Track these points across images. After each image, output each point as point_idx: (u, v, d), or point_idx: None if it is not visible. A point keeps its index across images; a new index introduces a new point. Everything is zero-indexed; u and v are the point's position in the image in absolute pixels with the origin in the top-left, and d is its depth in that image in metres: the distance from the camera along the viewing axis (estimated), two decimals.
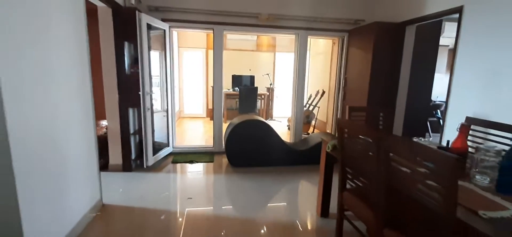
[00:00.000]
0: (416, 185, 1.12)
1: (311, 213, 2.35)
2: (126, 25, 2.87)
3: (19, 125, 1.35)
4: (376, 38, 3.29)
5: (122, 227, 2.05)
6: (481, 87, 2.30)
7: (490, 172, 1.25)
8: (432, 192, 1.02)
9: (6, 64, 1.27)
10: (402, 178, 1.21)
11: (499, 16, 2.16)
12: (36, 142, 1.50)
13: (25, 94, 1.41)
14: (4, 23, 1.26)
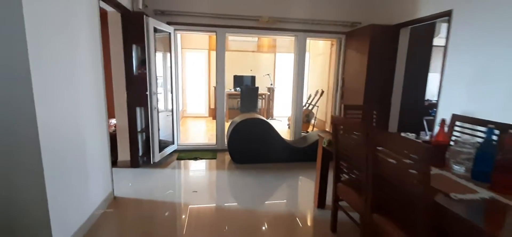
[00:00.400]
0: (398, 172, 1.27)
1: (309, 205, 2.51)
2: (134, 29, 3.04)
3: (47, 121, 1.51)
4: (372, 40, 3.44)
5: (133, 217, 2.21)
6: (469, 86, 2.46)
7: (466, 162, 1.41)
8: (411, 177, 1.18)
9: (39, 66, 1.43)
10: (386, 167, 1.36)
11: (485, 20, 2.31)
12: (60, 136, 1.66)
13: (51, 94, 1.57)
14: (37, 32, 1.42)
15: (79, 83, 1.91)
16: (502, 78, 2.17)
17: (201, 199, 2.59)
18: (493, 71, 2.24)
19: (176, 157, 3.74)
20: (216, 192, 2.80)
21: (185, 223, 2.16)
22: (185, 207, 2.41)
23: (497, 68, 2.21)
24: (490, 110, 2.24)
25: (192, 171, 3.35)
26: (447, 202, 1.12)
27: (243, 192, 2.78)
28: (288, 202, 2.61)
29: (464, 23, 2.52)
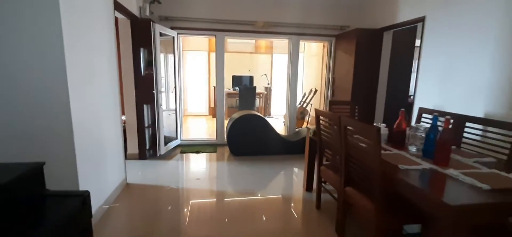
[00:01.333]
0: (361, 151, 1.61)
1: (298, 189, 2.84)
2: (142, 34, 3.37)
3: (79, 117, 1.84)
4: (358, 42, 3.78)
5: (144, 200, 2.54)
6: (439, 83, 2.79)
7: (419, 143, 1.74)
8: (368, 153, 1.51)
9: (72, 69, 1.76)
10: (353, 148, 1.69)
11: (451, 26, 2.64)
12: (87, 130, 1.99)
13: (81, 93, 1.90)
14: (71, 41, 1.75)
15: (99, 83, 2.24)
16: (464, 76, 2.50)
17: (203, 184, 2.93)
18: (457, 70, 2.58)
19: (180, 151, 4.07)
20: (216, 179, 3.13)
21: (189, 204, 2.49)
22: (188, 191, 2.75)
23: (460, 67, 2.54)
24: (455, 103, 2.58)
25: (195, 162, 3.68)
26: (395, 172, 1.45)
27: (240, 179, 3.11)
28: (280, 187, 2.94)
29: (435, 28, 2.86)
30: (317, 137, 2.30)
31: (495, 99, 2.22)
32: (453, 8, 2.63)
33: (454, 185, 1.28)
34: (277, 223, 2.21)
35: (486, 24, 2.29)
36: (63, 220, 0.97)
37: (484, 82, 2.30)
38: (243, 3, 4.04)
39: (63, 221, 0.97)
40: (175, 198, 2.59)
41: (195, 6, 3.91)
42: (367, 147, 1.54)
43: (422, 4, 3.01)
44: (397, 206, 1.58)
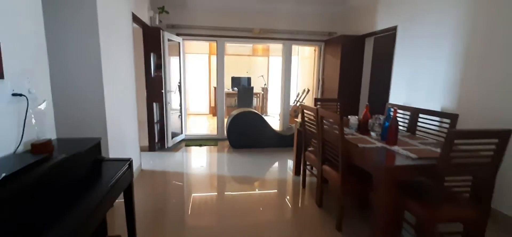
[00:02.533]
0: (331, 134, 2.09)
1: (289, 174, 3.32)
2: (152, 40, 3.84)
3: (110, 110, 2.30)
4: (343, 47, 4.28)
5: (157, 182, 3.01)
6: (408, 83, 3.29)
7: (378, 129, 2.22)
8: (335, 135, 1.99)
9: (107, 68, 2.23)
10: (327, 133, 2.17)
11: (417, 36, 3.14)
12: (115, 121, 2.45)
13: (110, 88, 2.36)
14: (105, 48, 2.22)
15: (121, 84, 2.71)
16: (426, 78, 2.99)
17: (207, 170, 3.40)
18: (420, 73, 3.07)
19: (184, 144, 4.54)
20: (217, 166, 3.60)
21: (195, 184, 2.96)
22: (194, 176, 3.22)
23: (423, 70, 3.04)
24: (419, 100, 3.07)
25: (198, 153, 4.15)
26: (355, 149, 1.93)
27: (239, 167, 3.58)
28: (274, 172, 3.42)
29: (404, 36, 3.35)
30: (302, 128, 2.78)
31: (448, 97, 2.71)
32: (418, 20, 3.12)
33: (392, 156, 1.76)
34: (270, 199, 2.69)
35: (442, 35, 2.78)
36: (116, 177, 1.44)
37: (441, 83, 2.79)
38: (241, 12, 4.52)
39: (116, 177, 1.44)
40: (184, 180, 3.07)
41: (198, 15, 4.40)
42: (334, 130, 2.02)
43: (395, 16, 3.51)
44: (355, 174, 2.05)
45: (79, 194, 1.21)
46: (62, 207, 1.09)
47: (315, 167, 2.58)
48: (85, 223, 1.04)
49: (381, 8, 3.81)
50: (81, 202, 1.14)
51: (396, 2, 3.50)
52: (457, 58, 2.60)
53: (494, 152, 1.49)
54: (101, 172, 1.48)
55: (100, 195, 1.21)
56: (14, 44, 1.23)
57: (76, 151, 1.34)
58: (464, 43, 2.54)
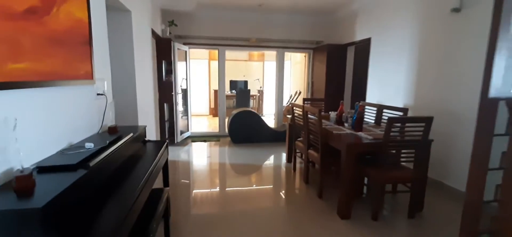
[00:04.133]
0: (313, 125, 2.73)
1: (283, 162, 3.96)
2: (164, 49, 4.45)
3: (140, 103, 2.90)
4: (329, 54, 4.96)
5: (174, 168, 3.61)
6: (379, 85, 3.97)
7: (350, 121, 2.88)
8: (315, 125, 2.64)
9: (138, 77, 2.84)
10: (311, 124, 2.82)
11: (385, 45, 3.83)
12: (143, 112, 3.05)
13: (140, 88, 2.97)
14: (139, 57, 2.82)
15: (146, 85, 3.32)
16: (392, 81, 3.68)
17: (213, 160, 4.01)
18: (388, 76, 3.76)
19: (191, 140, 5.15)
20: (222, 157, 4.22)
21: (205, 170, 3.58)
22: (202, 165, 3.83)
23: (390, 75, 3.73)
24: (387, 98, 3.75)
25: (204, 147, 4.76)
26: (330, 135, 2.58)
27: (240, 157, 4.20)
28: (269, 161, 4.05)
29: (376, 47, 4.05)
30: (292, 122, 3.43)
31: (408, 95, 3.40)
32: (385, 34, 3.82)
33: (356, 138, 2.41)
34: (267, 180, 3.32)
35: (403, 47, 3.48)
36: (159, 153, 2.05)
37: (403, 84, 3.48)
38: (239, 24, 5.17)
39: (161, 151, 2.04)
40: (193, 168, 3.67)
41: (202, 27, 5.03)
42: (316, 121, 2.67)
43: (369, 29, 4.21)
44: (330, 153, 2.70)
45: (141, 160, 1.82)
46: (132, 167, 1.70)
47: (303, 153, 3.23)
48: (148, 178, 1.64)
49: (359, 22, 4.51)
50: (145, 164, 1.75)
51: (369, 18, 4.20)
52: (413, 65, 3.30)
53: (423, 132, 2.16)
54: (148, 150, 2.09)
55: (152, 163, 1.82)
56: (98, 60, 1.84)
57: (136, 132, 1.95)
58: (417, 53, 3.23)
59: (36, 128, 1.17)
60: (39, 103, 1.20)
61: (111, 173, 1.45)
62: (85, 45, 1.58)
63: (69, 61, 1.41)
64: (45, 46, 1.21)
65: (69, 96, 1.46)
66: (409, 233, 2.20)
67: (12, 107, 1.04)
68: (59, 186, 0.95)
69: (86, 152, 1.31)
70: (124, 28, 2.64)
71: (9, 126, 1.00)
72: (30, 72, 1.10)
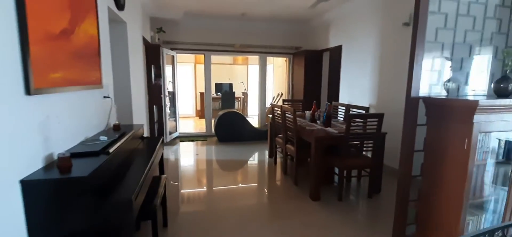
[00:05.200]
0: (290, 122, 3.16)
1: (265, 157, 4.36)
2: (153, 55, 4.73)
3: (134, 104, 3.19)
4: (306, 59, 5.44)
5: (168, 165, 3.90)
6: (348, 87, 4.49)
7: (321, 118, 3.34)
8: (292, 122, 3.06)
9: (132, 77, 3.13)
10: (288, 121, 3.24)
11: (354, 52, 4.35)
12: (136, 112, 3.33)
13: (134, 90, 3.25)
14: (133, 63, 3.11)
15: (138, 87, 3.60)
16: (359, 83, 4.20)
17: (201, 157, 4.34)
18: (356, 79, 4.28)
19: (179, 140, 5.43)
20: (208, 154, 4.55)
21: (194, 167, 3.90)
22: (192, 162, 4.15)
23: (358, 78, 4.25)
24: (356, 99, 4.27)
25: (192, 146, 5.06)
26: (303, 130, 3.01)
27: (227, 154, 4.56)
28: (253, 157, 4.44)
29: (346, 53, 4.57)
30: (273, 121, 3.84)
31: (372, 96, 3.92)
32: (353, 43, 4.34)
33: (324, 132, 2.85)
34: (252, 173, 3.71)
35: (366, 54, 4.00)
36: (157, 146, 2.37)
37: (367, 86, 4.00)
38: (224, 31, 5.54)
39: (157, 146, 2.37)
40: (180, 168, 3.99)
41: (189, 33, 5.35)
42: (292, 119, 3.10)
43: (340, 37, 4.73)
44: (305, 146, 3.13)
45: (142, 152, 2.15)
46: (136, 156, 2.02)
47: (282, 147, 3.65)
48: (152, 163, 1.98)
49: (332, 30, 5.03)
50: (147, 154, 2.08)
51: (340, 28, 4.73)
52: (375, 69, 3.82)
53: (377, 126, 2.64)
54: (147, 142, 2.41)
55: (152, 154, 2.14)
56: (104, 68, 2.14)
57: (137, 129, 2.27)
58: (378, 59, 3.76)
59: (64, 124, 1.49)
60: (66, 104, 1.51)
61: (121, 160, 1.78)
62: (95, 56, 1.90)
63: (86, 70, 1.73)
64: (71, 58, 1.53)
65: (85, 99, 1.77)
66: (366, 210, 2.66)
67: (51, 107, 1.36)
68: (89, 166, 1.29)
69: (102, 143, 1.63)
70: (121, 37, 2.93)
71: (50, 121, 1.32)
72: (62, 80, 1.42)
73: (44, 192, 1.13)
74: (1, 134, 1.00)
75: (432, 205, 1.80)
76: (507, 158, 1.71)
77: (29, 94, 1.14)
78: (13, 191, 1.07)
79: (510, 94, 1.69)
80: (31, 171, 1.18)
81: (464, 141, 1.53)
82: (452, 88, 1.87)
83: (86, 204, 1.17)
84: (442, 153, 1.69)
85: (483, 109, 1.47)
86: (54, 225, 1.15)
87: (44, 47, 1.24)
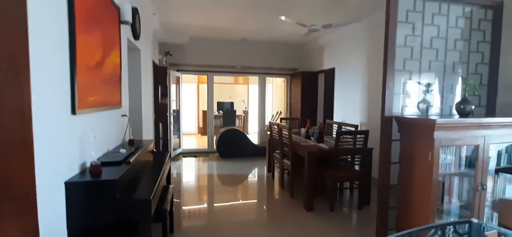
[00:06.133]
0: (286, 138, 3.45)
1: (263, 171, 4.62)
2: (160, 76, 5.11)
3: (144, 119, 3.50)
4: (303, 79, 5.81)
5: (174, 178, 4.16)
6: (342, 106, 4.82)
7: (315, 135, 3.63)
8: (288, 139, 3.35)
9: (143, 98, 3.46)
10: (284, 138, 3.54)
11: (346, 74, 4.72)
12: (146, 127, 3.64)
13: (145, 108, 3.57)
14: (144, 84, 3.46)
15: (147, 105, 3.94)
16: (351, 101, 4.53)
17: (203, 172, 4.60)
18: (349, 99, 4.61)
19: (182, 156, 5.70)
20: (210, 169, 4.81)
21: (196, 181, 4.15)
22: (195, 176, 4.40)
23: (350, 98, 4.58)
24: (349, 117, 4.58)
25: (195, 161, 5.33)
26: (298, 146, 3.30)
27: (228, 168, 4.82)
28: (253, 171, 4.69)
29: (339, 74, 4.94)
30: (271, 137, 4.14)
31: (363, 114, 4.23)
32: (345, 64, 4.72)
33: (316, 147, 3.13)
34: (251, 187, 3.95)
35: (357, 75, 4.36)
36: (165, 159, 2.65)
37: (359, 105, 4.33)
38: (226, 54, 5.97)
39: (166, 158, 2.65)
40: (183, 182, 4.24)
41: (194, 56, 5.78)
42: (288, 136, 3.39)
43: (333, 60, 5.12)
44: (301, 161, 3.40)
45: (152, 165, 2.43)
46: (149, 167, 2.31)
47: (279, 162, 3.91)
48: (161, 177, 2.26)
49: (325, 54, 5.43)
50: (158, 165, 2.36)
51: (333, 51, 5.13)
52: (364, 89, 4.16)
53: (363, 142, 2.93)
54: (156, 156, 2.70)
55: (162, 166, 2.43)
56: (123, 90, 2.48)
57: (148, 144, 2.57)
58: (367, 80, 4.11)
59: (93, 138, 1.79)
60: (96, 122, 1.82)
61: (137, 170, 2.07)
62: (118, 81, 2.23)
63: (111, 93, 2.06)
64: (101, 84, 1.86)
65: (108, 117, 2.09)
66: (355, 220, 2.90)
67: (87, 124, 1.67)
68: (116, 172, 1.57)
69: (122, 154, 1.93)
70: (135, 63, 3.30)
71: (86, 136, 1.63)
72: (95, 102, 1.75)
73: (81, 191, 1.42)
74: (53, 145, 1.30)
75: (407, 211, 2.06)
76: (470, 167, 1.99)
77: (74, 114, 1.46)
78: (59, 190, 1.36)
79: (468, 114, 1.99)
80: (71, 175, 1.47)
81: (429, 153, 1.82)
82: (423, 109, 2.18)
83: (114, 201, 1.45)
84: (413, 164, 1.98)
85: (441, 127, 1.77)
86: (87, 217, 1.43)
87: (85, 76, 1.57)
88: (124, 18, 2.29)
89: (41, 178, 1.15)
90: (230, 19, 4.33)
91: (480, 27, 2.26)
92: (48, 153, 1.23)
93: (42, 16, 1.18)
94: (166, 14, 4.20)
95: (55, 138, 1.30)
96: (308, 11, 3.79)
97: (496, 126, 1.91)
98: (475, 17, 2.23)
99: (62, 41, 1.37)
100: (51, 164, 1.26)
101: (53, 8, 1.30)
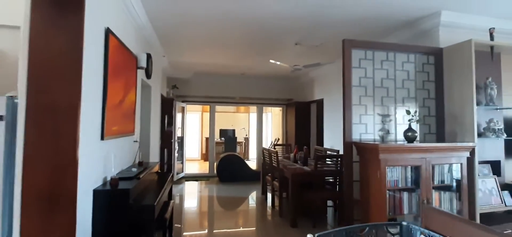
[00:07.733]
0: (277, 163, 3.90)
1: (259, 194, 5.01)
2: (167, 106, 5.73)
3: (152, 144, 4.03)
4: (297, 109, 6.36)
5: None
6: (330, 133, 5.29)
7: (302, 159, 4.08)
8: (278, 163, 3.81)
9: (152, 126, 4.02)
10: (276, 163, 3.99)
11: (332, 104, 5.24)
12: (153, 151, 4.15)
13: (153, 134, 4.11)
14: (153, 114, 4.03)
15: (156, 132, 4.49)
16: (338, 130, 5.00)
17: (204, 194, 5.01)
18: (335, 126, 5.09)
19: (185, 179, 6.15)
20: (210, 192, 5.21)
21: (197, 203, 4.57)
22: (196, 198, 4.82)
23: (336, 126, 5.06)
24: (336, 142, 5.02)
25: (197, 185, 5.75)
26: (287, 169, 3.74)
27: (227, 191, 5.22)
28: (249, 194, 5.09)
29: (327, 105, 5.47)
30: (263, 162, 4.59)
31: None
32: (330, 97, 5.26)
33: (300, 170, 3.57)
34: (245, 207, 4.35)
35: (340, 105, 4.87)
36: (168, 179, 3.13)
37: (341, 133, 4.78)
38: (227, 86, 6.63)
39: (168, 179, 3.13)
40: (187, 202, 4.67)
41: (198, 88, 6.45)
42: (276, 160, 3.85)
43: (322, 92, 5.69)
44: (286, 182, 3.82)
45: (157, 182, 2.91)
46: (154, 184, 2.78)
47: (270, 184, 4.33)
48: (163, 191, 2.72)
49: (316, 86, 6.02)
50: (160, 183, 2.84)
51: (321, 84, 5.72)
52: None
53: (337, 165, 3.37)
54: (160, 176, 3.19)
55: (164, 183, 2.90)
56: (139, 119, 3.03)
57: (154, 165, 3.08)
58: None
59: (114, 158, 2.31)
60: (115, 146, 2.36)
61: (145, 185, 2.56)
62: (133, 114, 2.80)
63: (127, 124, 2.62)
64: (121, 117, 2.42)
65: (124, 142, 2.62)
66: None
67: (109, 148, 2.20)
68: (129, 184, 2.07)
69: (133, 172, 2.43)
70: (146, 97, 3.91)
71: (109, 156, 2.16)
72: (117, 131, 2.29)
73: (104, 197, 1.91)
74: (89, 163, 1.82)
75: (367, 221, 2.45)
76: (416, 184, 2.40)
77: (102, 140, 2.00)
78: (89, 195, 1.85)
79: (413, 140, 2.46)
80: (97, 185, 1.98)
81: (377, 172, 2.27)
82: (381, 136, 2.66)
83: (127, 206, 1.93)
84: (368, 181, 2.41)
85: (384, 150, 2.23)
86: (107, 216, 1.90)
87: (111, 112, 2.13)
88: (140, 65, 2.91)
89: (80, 186, 1.66)
90: (229, 58, 5.01)
91: (424, 70, 2.79)
92: (85, 168, 1.74)
93: (89, 70, 1.76)
94: (174, 55, 4.91)
95: (90, 157, 1.83)
96: (296, 54, 4.44)
97: (434, 149, 2.36)
98: (419, 61, 2.77)
99: (98, 88, 1.95)
100: (86, 177, 1.77)
101: (97, 63, 1.90)
